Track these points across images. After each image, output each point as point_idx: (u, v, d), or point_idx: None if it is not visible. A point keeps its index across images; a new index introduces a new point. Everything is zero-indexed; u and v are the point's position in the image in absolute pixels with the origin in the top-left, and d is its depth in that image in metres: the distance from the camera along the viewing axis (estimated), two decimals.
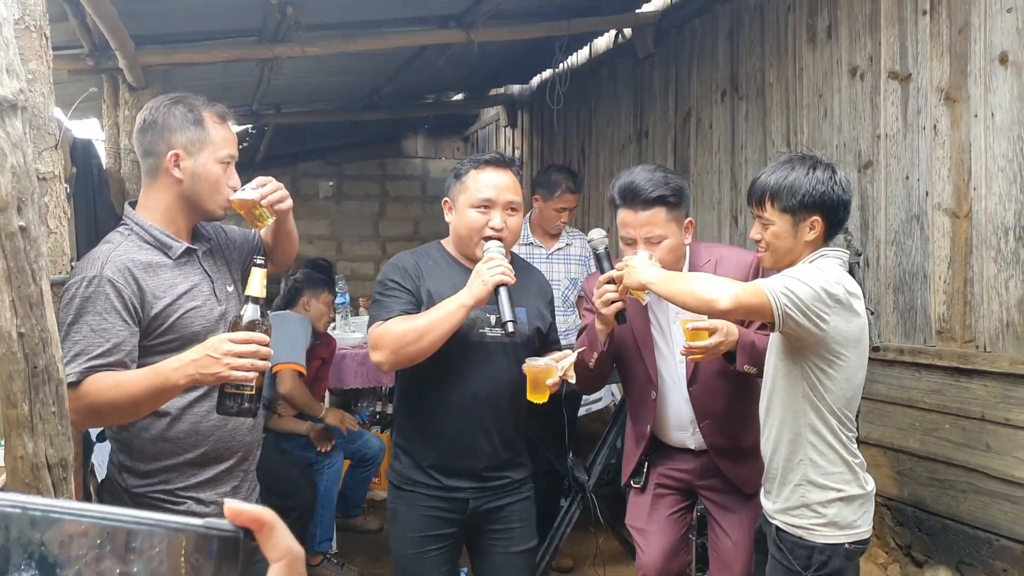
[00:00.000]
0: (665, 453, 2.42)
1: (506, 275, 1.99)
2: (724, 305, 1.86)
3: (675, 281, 2.01)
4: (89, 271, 1.72)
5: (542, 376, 2.08)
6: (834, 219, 2.01)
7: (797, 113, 3.47)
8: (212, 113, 1.87)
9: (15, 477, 1.37)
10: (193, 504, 1.84)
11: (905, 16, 2.86)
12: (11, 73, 1.25)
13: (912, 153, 2.83)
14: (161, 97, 1.88)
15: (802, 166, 2.01)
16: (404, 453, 2.22)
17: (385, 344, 2.04)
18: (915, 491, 2.83)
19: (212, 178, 1.84)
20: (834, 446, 1.97)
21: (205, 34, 4.07)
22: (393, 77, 5.69)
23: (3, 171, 1.25)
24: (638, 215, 2.21)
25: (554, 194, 3.80)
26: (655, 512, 2.42)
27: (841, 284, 1.92)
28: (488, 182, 2.12)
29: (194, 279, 1.86)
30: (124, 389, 1.67)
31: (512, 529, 2.23)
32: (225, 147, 1.87)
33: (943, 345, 2.71)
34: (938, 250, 2.72)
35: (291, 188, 8.11)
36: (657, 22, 4.62)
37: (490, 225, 2.10)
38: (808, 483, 1.99)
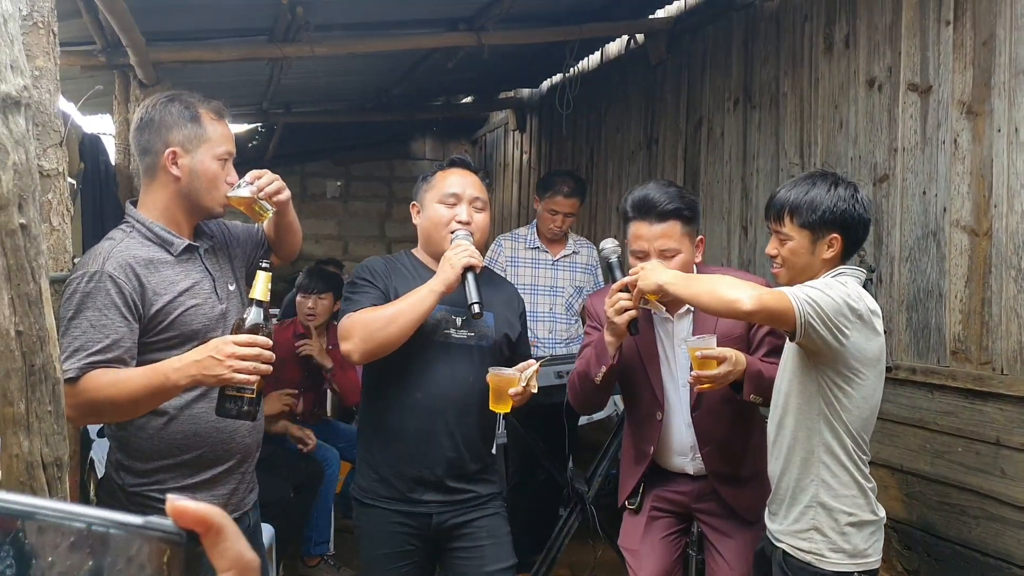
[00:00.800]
0: (662, 476, 2.38)
1: (473, 257, 2.01)
2: (747, 307, 1.81)
3: (694, 281, 1.96)
4: (91, 267, 1.71)
5: (504, 385, 2.05)
6: (853, 238, 1.98)
7: (811, 124, 3.43)
8: (209, 110, 1.86)
9: (10, 476, 1.35)
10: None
11: (927, 26, 2.81)
12: (15, 69, 1.23)
13: (930, 168, 2.78)
14: (157, 95, 1.87)
15: (823, 182, 1.98)
16: (367, 465, 2.19)
17: (354, 332, 2.03)
18: (924, 515, 2.79)
19: (210, 175, 1.83)
20: (848, 468, 1.92)
21: (216, 32, 4.06)
22: (402, 79, 5.68)
23: (5, 168, 1.23)
24: (653, 228, 2.19)
25: (546, 194, 3.78)
26: (649, 534, 2.39)
27: (863, 301, 1.89)
28: (454, 179, 2.18)
29: (195, 276, 1.85)
30: (123, 387, 1.66)
31: (480, 547, 2.17)
32: (222, 144, 1.86)
33: (958, 366, 2.66)
34: (955, 268, 2.68)
35: (299, 187, 8.12)
36: (670, 28, 4.59)
37: (457, 218, 2.12)
38: (819, 505, 1.94)
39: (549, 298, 3.82)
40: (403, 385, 2.12)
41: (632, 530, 2.43)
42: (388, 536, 2.13)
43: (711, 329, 2.22)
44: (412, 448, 2.12)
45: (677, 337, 2.31)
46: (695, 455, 2.30)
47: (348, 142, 8.35)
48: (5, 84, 1.23)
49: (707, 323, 2.26)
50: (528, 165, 7.08)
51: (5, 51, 1.23)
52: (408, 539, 2.13)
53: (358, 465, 2.24)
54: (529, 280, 3.83)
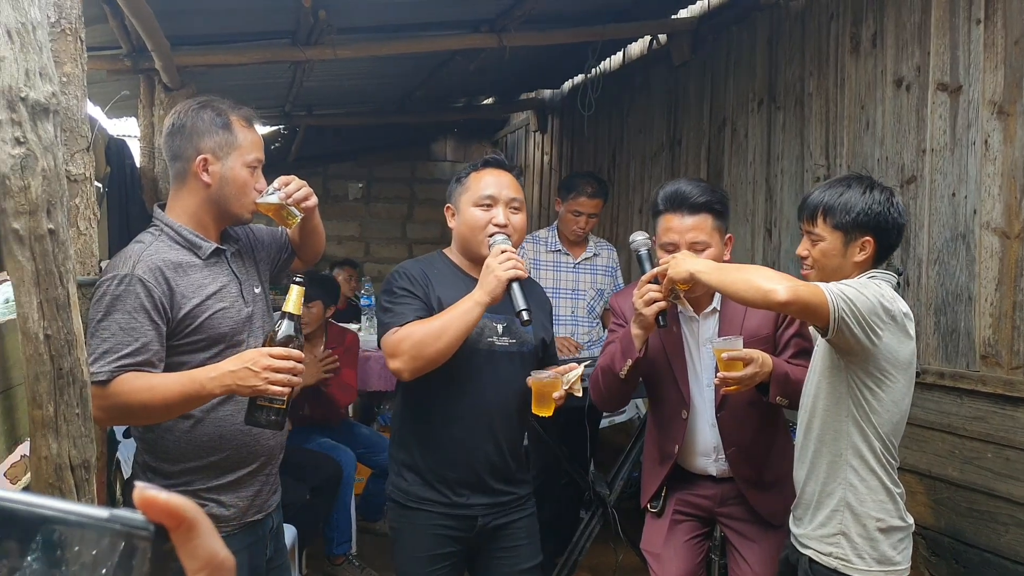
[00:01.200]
0: (685, 479, 2.37)
1: (518, 268, 1.97)
2: (782, 297, 1.77)
3: (727, 270, 1.94)
4: (120, 270, 1.73)
5: (548, 389, 2.04)
6: (886, 242, 1.96)
7: (837, 124, 3.39)
8: (239, 117, 1.87)
9: (39, 477, 1.36)
10: (215, 507, 1.86)
11: (957, 25, 2.77)
12: (44, 77, 1.24)
13: (960, 169, 2.74)
14: (189, 101, 1.88)
15: (859, 185, 1.95)
16: (408, 469, 2.16)
17: (404, 350, 1.99)
18: (953, 521, 2.74)
19: (239, 182, 1.85)
20: (876, 472, 1.89)
21: (239, 36, 4.09)
22: (424, 81, 5.68)
23: (34, 174, 1.24)
24: (684, 220, 2.19)
25: (569, 195, 3.76)
26: (672, 538, 2.37)
27: (897, 303, 1.87)
28: (489, 180, 2.13)
29: (222, 280, 1.87)
30: (158, 392, 1.68)
31: (519, 546, 2.19)
32: (252, 151, 1.87)
33: (987, 371, 2.62)
34: (985, 271, 2.63)
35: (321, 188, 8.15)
36: (694, 28, 4.55)
37: (494, 221, 2.09)
38: (846, 509, 1.91)
39: (571, 301, 3.81)
40: (449, 394, 2.11)
41: (655, 533, 2.41)
42: (429, 538, 2.12)
43: (737, 329, 2.21)
44: (458, 454, 2.11)
45: (702, 337, 2.29)
46: (718, 456, 2.29)
47: (370, 144, 8.38)
48: (34, 91, 1.24)
49: (733, 323, 2.24)
50: (549, 166, 7.06)
51: (34, 59, 1.24)
52: (449, 541, 2.13)
53: (395, 468, 2.21)
54: (550, 283, 3.82)
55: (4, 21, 1.20)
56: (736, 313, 2.25)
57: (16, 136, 1.23)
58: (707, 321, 2.29)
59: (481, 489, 2.14)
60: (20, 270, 1.26)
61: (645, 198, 5.22)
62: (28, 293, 1.27)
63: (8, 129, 1.23)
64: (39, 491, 1.35)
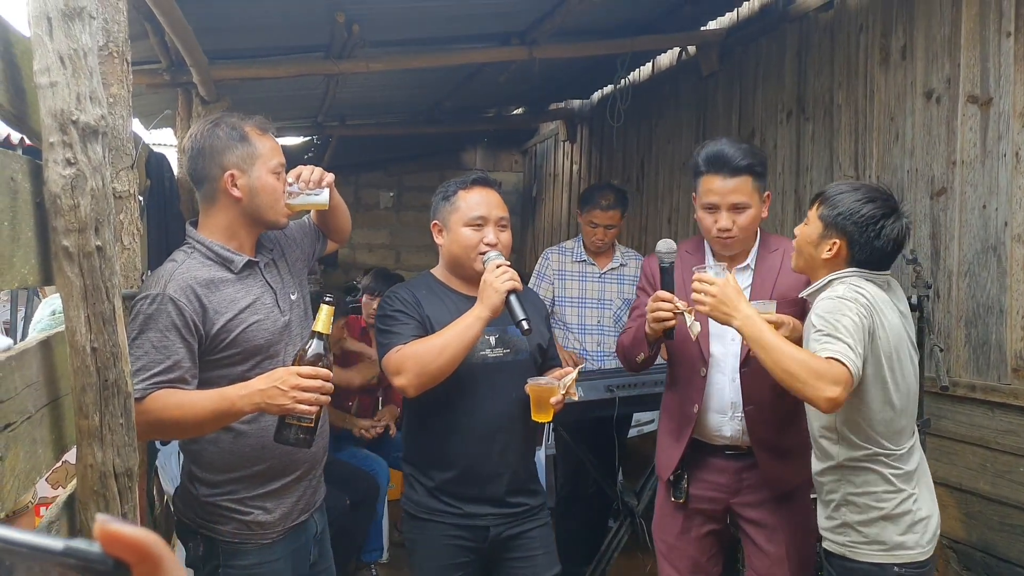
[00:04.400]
0: (702, 462, 2.36)
1: (515, 280, 2.05)
2: (824, 408, 1.85)
3: (772, 349, 1.90)
4: (152, 289, 1.77)
5: (545, 395, 2.08)
6: (859, 256, 1.98)
7: (867, 136, 3.38)
8: (254, 126, 1.90)
9: (84, 485, 1.41)
10: (261, 513, 1.89)
11: (987, 37, 2.76)
12: (94, 100, 1.29)
13: (991, 181, 2.72)
14: (200, 123, 1.91)
15: (865, 193, 1.99)
16: (418, 481, 2.21)
17: (408, 367, 2.04)
18: (984, 535, 2.72)
19: (269, 189, 1.88)
20: (873, 468, 1.95)
21: (274, 50, 4.17)
22: (454, 91, 5.74)
23: (83, 194, 1.29)
24: (726, 182, 2.23)
25: (585, 208, 3.79)
26: (687, 530, 2.40)
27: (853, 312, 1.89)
28: (479, 200, 2.19)
29: (256, 292, 1.90)
30: (189, 409, 1.72)
31: (534, 556, 2.22)
32: (273, 157, 1.90)
33: (1019, 383, 2.60)
34: (1016, 283, 2.61)
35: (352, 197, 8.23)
36: (722, 40, 4.56)
37: (485, 241, 2.15)
38: (847, 499, 1.98)
39: (597, 311, 3.83)
40: (448, 411, 2.15)
41: (670, 522, 2.43)
42: (443, 549, 2.16)
43: (770, 288, 2.26)
44: (466, 470, 2.16)
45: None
46: (735, 413, 2.29)
47: (401, 153, 8.46)
48: (84, 115, 1.29)
49: (766, 282, 2.29)
50: (578, 176, 7.08)
51: (85, 83, 1.30)
52: (464, 551, 2.16)
53: (408, 480, 2.26)
54: (577, 293, 3.84)
55: (57, 48, 1.26)
56: (770, 272, 2.30)
57: (67, 157, 1.28)
58: (739, 276, 2.32)
59: (490, 501, 2.17)
60: (69, 286, 1.31)
61: (674, 207, 5.22)
62: (76, 308, 1.32)
63: (60, 151, 1.28)
64: (85, 498, 1.40)
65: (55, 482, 2.83)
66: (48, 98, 1.24)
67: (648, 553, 3.46)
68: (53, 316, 2.85)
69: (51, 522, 1.40)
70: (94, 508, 1.40)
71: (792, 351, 1.89)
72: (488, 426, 2.14)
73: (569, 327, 3.82)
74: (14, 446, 1.20)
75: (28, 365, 1.31)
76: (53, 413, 1.40)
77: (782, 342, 1.91)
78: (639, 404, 3.31)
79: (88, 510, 1.39)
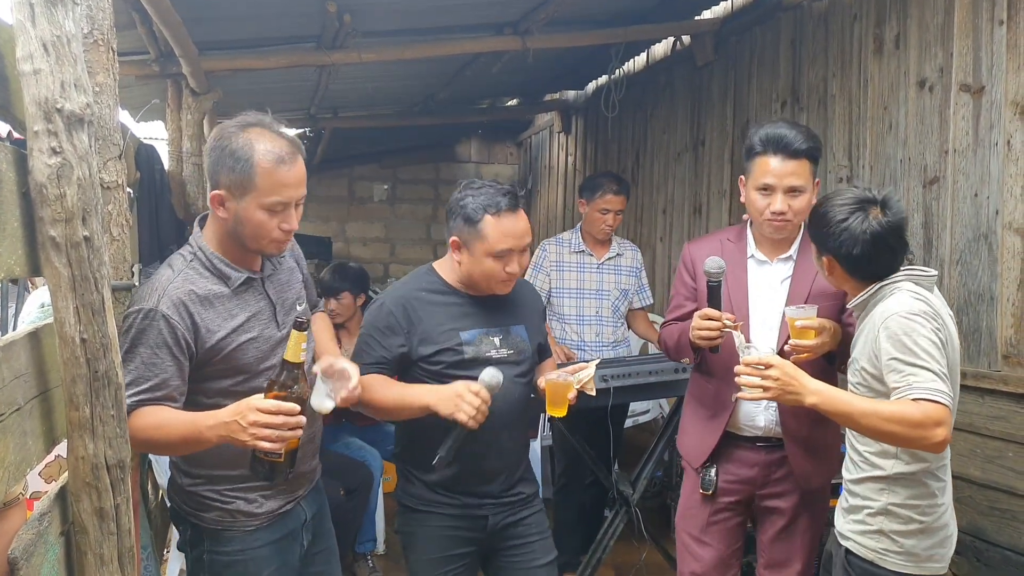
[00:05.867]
0: (732, 454, 2.36)
1: (470, 423, 1.98)
2: (937, 452, 1.80)
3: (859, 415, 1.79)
4: (146, 303, 1.74)
5: (561, 391, 2.08)
6: (846, 265, 1.91)
7: (860, 126, 3.38)
8: (268, 157, 1.74)
9: (76, 477, 1.40)
10: (243, 503, 1.88)
11: (980, 26, 2.75)
12: (79, 88, 1.28)
13: (982, 169, 2.73)
14: (230, 123, 1.80)
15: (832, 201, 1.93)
16: (416, 478, 2.21)
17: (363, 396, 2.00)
18: (974, 520, 2.73)
19: (253, 224, 1.77)
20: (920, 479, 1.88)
21: (265, 40, 4.15)
22: (448, 83, 5.73)
23: (70, 183, 1.28)
24: (785, 164, 2.19)
25: (595, 194, 3.77)
26: (715, 523, 2.39)
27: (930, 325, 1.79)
28: (508, 231, 2.08)
29: (252, 307, 1.85)
30: (163, 432, 1.69)
31: (531, 543, 2.23)
32: (273, 194, 1.74)
33: (1009, 370, 2.61)
34: (1007, 271, 2.62)
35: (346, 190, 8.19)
36: (717, 29, 4.55)
37: (507, 270, 2.12)
38: (887, 512, 1.90)
39: (595, 301, 3.82)
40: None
41: (696, 515, 2.41)
42: (441, 540, 2.16)
43: (810, 280, 2.25)
44: (466, 469, 2.15)
45: (775, 280, 2.32)
46: (769, 403, 2.26)
47: (395, 146, 8.45)
48: (69, 102, 1.28)
49: (806, 276, 2.27)
50: (573, 167, 7.08)
51: (69, 71, 1.28)
52: (461, 542, 2.17)
53: (403, 473, 2.26)
54: (575, 284, 3.84)
55: (40, 34, 1.25)
56: (811, 266, 2.25)
57: (52, 146, 1.27)
58: (781, 266, 2.32)
59: (487, 495, 2.19)
60: (57, 276, 1.30)
61: (669, 198, 5.22)
62: (65, 298, 1.32)
63: (45, 139, 1.27)
64: (77, 489, 1.39)
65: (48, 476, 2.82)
66: (32, 86, 1.23)
67: (644, 541, 3.47)
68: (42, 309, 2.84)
69: (43, 514, 1.39)
70: (86, 500, 1.39)
71: (881, 410, 1.76)
72: (491, 425, 2.11)
73: (567, 318, 3.82)
74: (3, 438, 1.19)
75: (16, 357, 1.30)
76: (43, 405, 1.40)
77: (868, 406, 1.80)
78: (635, 394, 3.32)
79: (80, 502, 1.39)
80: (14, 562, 1.25)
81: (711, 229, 4.61)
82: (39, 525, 1.36)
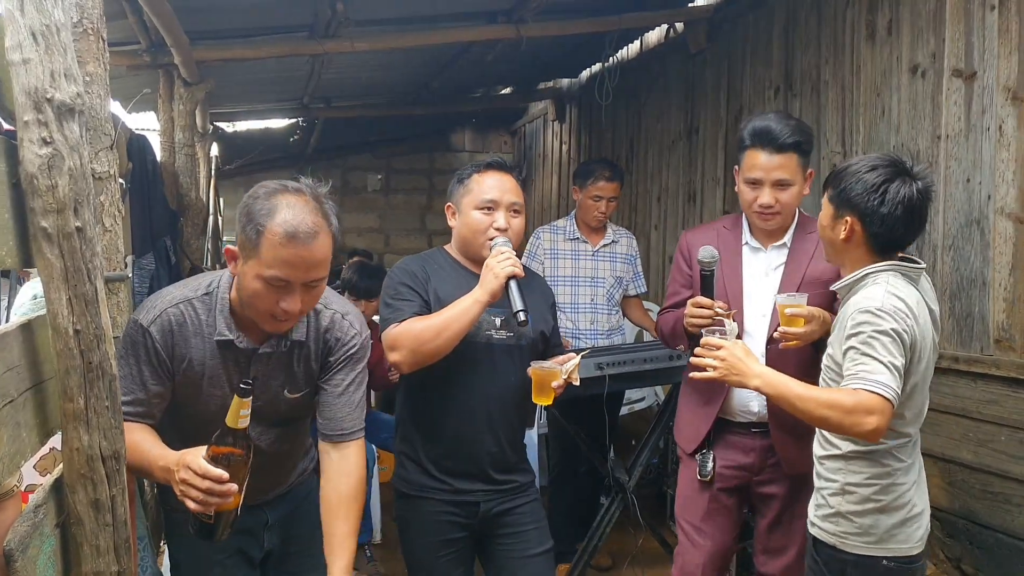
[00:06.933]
0: (727, 440, 2.38)
1: (516, 267, 2.03)
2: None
3: (795, 399, 1.84)
4: (145, 316, 1.73)
5: (548, 378, 2.09)
6: (873, 229, 1.85)
7: (853, 112, 3.39)
8: (281, 228, 1.62)
9: (71, 468, 1.40)
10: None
11: (972, 11, 2.75)
12: (69, 78, 1.27)
13: (975, 155, 2.73)
14: (272, 183, 1.71)
15: (869, 162, 1.88)
16: (409, 459, 2.22)
17: (403, 344, 2.05)
18: (967, 503, 2.75)
19: (249, 292, 1.68)
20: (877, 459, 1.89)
21: (257, 30, 4.13)
22: (442, 72, 5.71)
23: (61, 174, 1.27)
24: (772, 158, 2.22)
25: (588, 181, 3.76)
26: (714, 511, 2.41)
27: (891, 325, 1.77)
28: (491, 184, 2.16)
29: (221, 368, 1.78)
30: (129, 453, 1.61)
31: (526, 532, 2.23)
32: (273, 268, 1.63)
33: (1001, 355, 2.62)
34: (999, 256, 2.63)
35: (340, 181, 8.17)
36: (710, 16, 4.54)
37: (495, 225, 2.14)
38: (843, 491, 1.91)
39: (590, 289, 3.83)
40: (448, 386, 2.16)
41: (696, 504, 2.43)
42: (434, 525, 2.17)
43: (801, 272, 2.27)
44: (457, 446, 2.17)
45: (768, 267, 2.34)
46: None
47: (388, 135, 8.42)
48: (59, 92, 1.27)
49: (799, 265, 2.29)
50: (568, 155, 7.07)
51: (59, 60, 1.28)
52: (454, 528, 2.18)
53: (399, 459, 2.27)
54: (570, 272, 3.84)
55: (29, 23, 1.24)
56: (804, 255, 2.29)
57: (43, 136, 1.27)
58: (775, 252, 2.34)
59: (481, 478, 2.19)
60: (49, 267, 1.30)
61: (663, 187, 5.22)
62: (57, 290, 1.31)
63: (35, 130, 1.26)
64: (72, 481, 1.39)
65: (43, 469, 2.82)
66: (21, 75, 1.22)
67: (640, 529, 3.49)
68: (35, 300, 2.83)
69: (38, 506, 1.39)
70: (82, 491, 1.39)
71: (818, 396, 1.82)
72: (482, 406, 2.15)
73: (561, 306, 3.82)
74: None
75: (9, 348, 1.30)
76: (37, 397, 1.40)
77: (805, 391, 1.84)
78: (630, 381, 3.32)
79: (76, 493, 1.39)
80: (10, 554, 1.25)
81: (705, 217, 4.61)
82: (34, 517, 1.36)
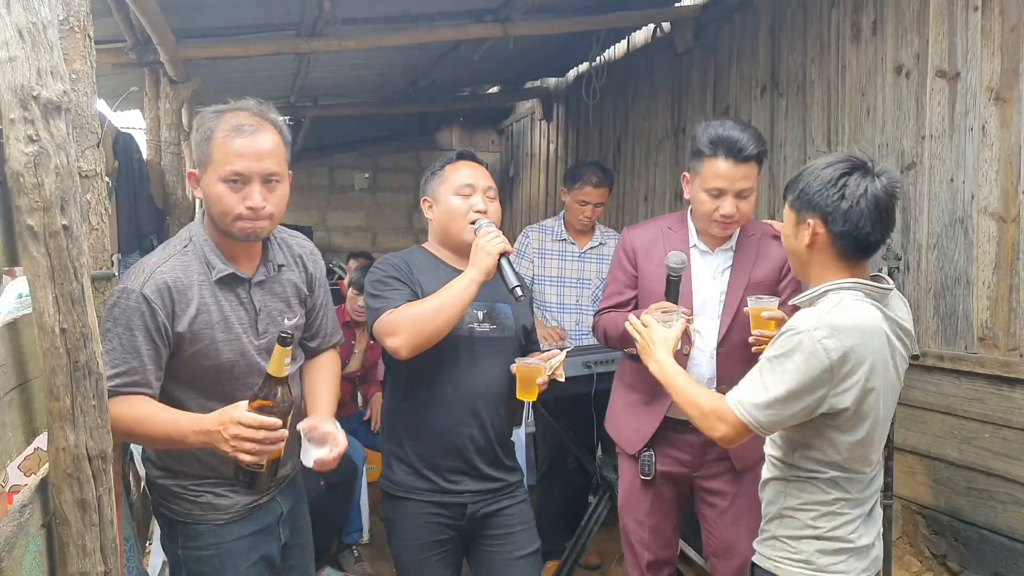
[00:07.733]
0: (669, 437, 2.38)
1: (506, 244, 2.05)
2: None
3: (675, 391, 1.89)
4: (132, 282, 1.70)
5: (532, 375, 2.10)
6: (838, 229, 1.66)
7: (839, 111, 3.41)
8: (226, 126, 1.70)
9: (57, 468, 1.40)
10: (212, 497, 1.83)
11: (955, 12, 2.78)
12: (55, 75, 1.27)
13: (958, 154, 2.76)
14: (209, 110, 1.77)
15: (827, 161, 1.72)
16: (396, 459, 2.21)
17: (402, 327, 2.03)
18: (951, 500, 2.78)
19: (212, 198, 1.72)
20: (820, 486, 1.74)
21: (244, 28, 4.12)
22: (429, 70, 5.70)
23: (47, 172, 1.27)
24: (736, 168, 2.21)
25: (576, 184, 3.77)
26: (657, 507, 2.43)
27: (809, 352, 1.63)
28: (466, 172, 2.20)
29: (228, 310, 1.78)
30: (145, 427, 1.67)
31: (513, 533, 2.22)
32: (226, 164, 1.68)
33: (985, 352, 2.65)
34: (983, 255, 2.66)
35: (327, 180, 8.15)
36: (697, 16, 4.56)
37: (474, 208, 2.15)
38: (781, 516, 1.80)
39: (576, 290, 3.83)
40: (432, 381, 2.16)
41: (639, 499, 2.45)
42: (421, 527, 2.16)
43: (747, 274, 2.29)
44: (445, 441, 2.16)
45: (716, 269, 2.35)
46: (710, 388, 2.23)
47: (375, 134, 8.40)
48: (46, 90, 1.27)
49: (743, 267, 2.30)
50: (555, 155, 7.08)
51: (45, 57, 1.27)
52: (442, 529, 2.17)
53: (387, 459, 2.26)
54: (556, 272, 3.84)
55: (15, 21, 1.23)
56: (747, 257, 2.31)
57: (29, 134, 1.26)
58: (722, 255, 2.35)
59: (470, 474, 2.17)
60: (35, 266, 1.29)
61: (650, 186, 5.24)
62: (43, 288, 1.30)
63: (21, 127, 1.26)
64: (58, 481, 1.38)
65: (27, 469, 2.80)
66: (7, 73, 1.22)
67: None
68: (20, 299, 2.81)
69: (23, 506, 1.38)
70: (68, 491, 1.38)
71: (690, 392, 1.85)
72: (468, 399, 2.15)
73: (548, 306, 3.83)
74: None
75: None
76: (22, 396, 1.39)
77: (683, 386, 1.87)
78: None
79: (62, 493, 1.38)
80: None
81: None
82: (20, 517, 1.35)
